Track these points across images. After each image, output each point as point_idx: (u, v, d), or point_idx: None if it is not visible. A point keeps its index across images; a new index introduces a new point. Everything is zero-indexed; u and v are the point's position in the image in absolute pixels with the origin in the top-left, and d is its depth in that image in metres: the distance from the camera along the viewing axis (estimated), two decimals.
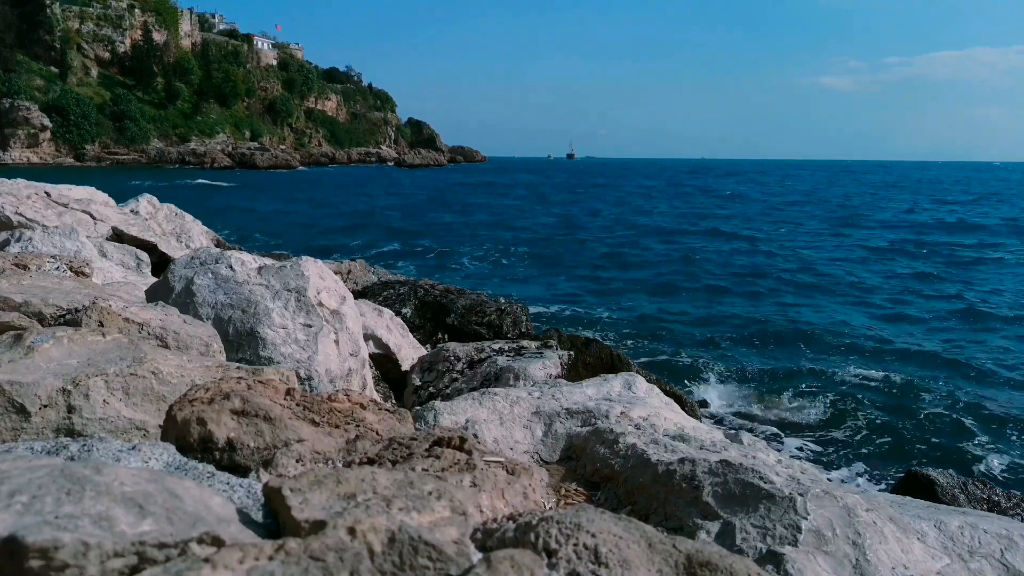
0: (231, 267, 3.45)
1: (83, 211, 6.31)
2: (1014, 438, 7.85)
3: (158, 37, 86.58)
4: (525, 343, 5.25)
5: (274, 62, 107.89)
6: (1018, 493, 4.93)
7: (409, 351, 5.47)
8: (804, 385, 9.46)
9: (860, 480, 6.71)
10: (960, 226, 32.24)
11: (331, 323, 3.42)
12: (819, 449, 7.51)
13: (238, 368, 2.09)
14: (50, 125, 71.04)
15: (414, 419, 2.37)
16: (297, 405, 1.65)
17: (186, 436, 1.48)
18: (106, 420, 1.74)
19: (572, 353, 4.95)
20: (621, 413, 2.79)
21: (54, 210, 6.10)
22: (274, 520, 1.11)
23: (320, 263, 3.81)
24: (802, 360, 10.70)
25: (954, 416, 8.47)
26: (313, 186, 55.83)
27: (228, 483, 1.29)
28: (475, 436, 2.31)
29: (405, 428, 1.75)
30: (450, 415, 2.67)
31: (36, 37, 75.04)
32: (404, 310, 7.39)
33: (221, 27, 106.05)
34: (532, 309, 8.92)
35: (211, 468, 1.37)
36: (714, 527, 1.97)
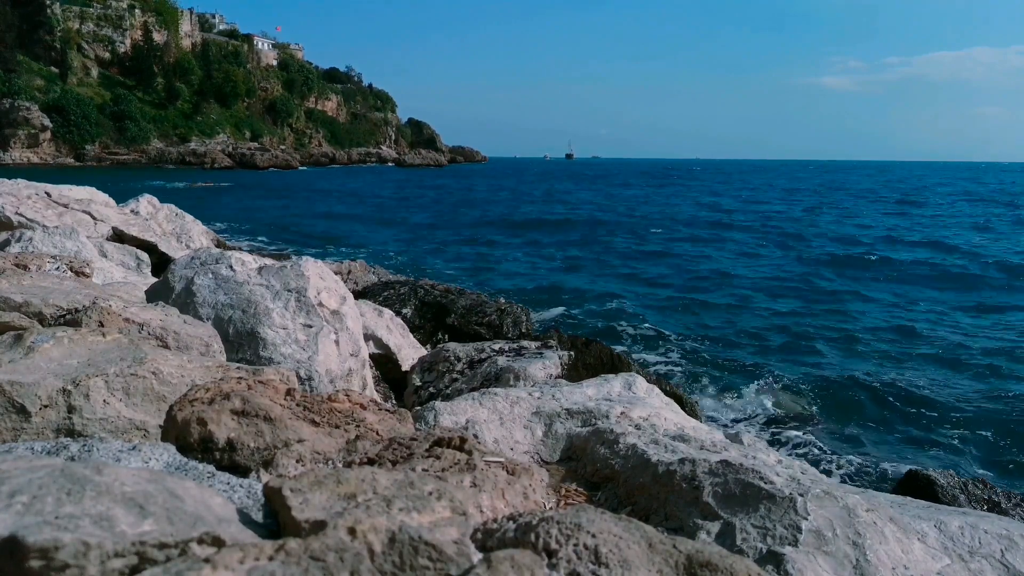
0: (231, 267, 3.45)
1: (83, 211, 6.32)
2: (1015, 438, 7.84)
3: (158, 37, 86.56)
4: (525, 343, 5.25)
5: (274, 62, 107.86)
6: (1018, 493, 4.93)
7: (409, 351, 5.47)
8: (804, 385, 9.47)
9: (860, 480, 6.71)
10: None
11: (331, 323, 3.42)
12: (819, 449, 7.51)
13: (238, 368, 2.09)
14: (50, 125, 70.98)
15: (414, 419, 2.36)
16: (297, 405, 1.65)
17: (186, 436, 1.48)
18: (106, 420, 1.74)
19: (572, 353, 4.95)
20: (621, 413, 2.79)
21: (54, 210, 6.10)
22: (274, 520, 1.11)
23: (320, 263, 3.81)
24: (803, 361, 10.71)
25: (955, 416, 8.46)
26: (315, 186, 55.65)
27: (228, 483, 1.29)
28: (475, 436, 2.31)
29: (405, 428, 1.75)
30: (450, 415, 2.67)
31: (36, 37, 75.01)
32: (404, 310, 7.40)
33: (221, 27, 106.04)
34: None
35: (211, 468, 1.37)
36: (714, 527, 1.97)
